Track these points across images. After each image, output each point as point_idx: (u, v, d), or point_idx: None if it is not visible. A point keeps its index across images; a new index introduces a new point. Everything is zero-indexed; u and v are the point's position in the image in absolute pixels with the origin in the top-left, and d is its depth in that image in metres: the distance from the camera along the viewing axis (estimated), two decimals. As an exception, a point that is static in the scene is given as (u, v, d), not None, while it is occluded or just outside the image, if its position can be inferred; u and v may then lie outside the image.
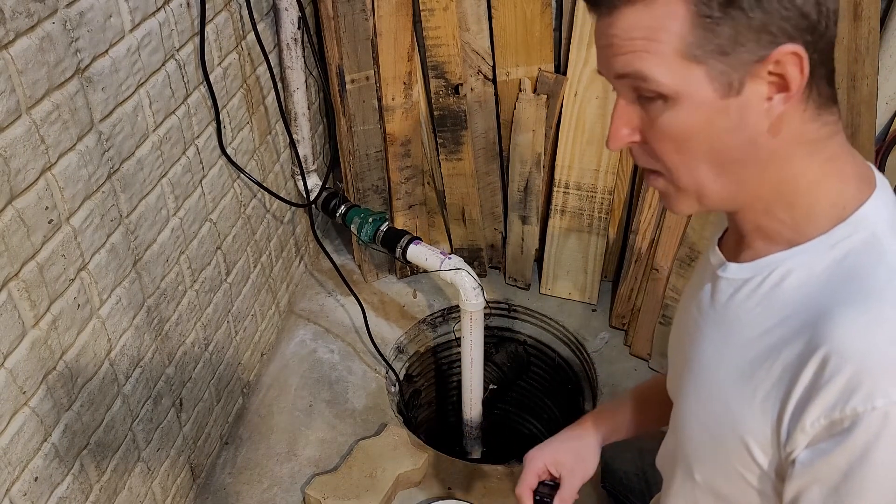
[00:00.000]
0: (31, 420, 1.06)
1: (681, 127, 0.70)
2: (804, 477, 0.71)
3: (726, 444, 0.80)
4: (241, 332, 1.84)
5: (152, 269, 1.37)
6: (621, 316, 2.14)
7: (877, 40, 1.72)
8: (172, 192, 1.41)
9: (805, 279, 0.73)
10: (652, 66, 0.67)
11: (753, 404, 0.76)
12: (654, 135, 0.72)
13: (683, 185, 0.74)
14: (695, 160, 0.72)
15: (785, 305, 0.74)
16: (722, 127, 0.69)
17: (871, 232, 0.72)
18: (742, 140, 0.70)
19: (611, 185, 2.07)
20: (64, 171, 1.07)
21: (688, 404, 0.88)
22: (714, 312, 0.84)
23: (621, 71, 0.69)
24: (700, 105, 0.68)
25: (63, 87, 1.05)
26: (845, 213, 0.73)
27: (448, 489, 1.74)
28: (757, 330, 0.77)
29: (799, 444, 0.71)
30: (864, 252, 0.71)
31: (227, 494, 1.71)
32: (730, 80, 0.67)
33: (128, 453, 1.35)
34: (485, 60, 2.05)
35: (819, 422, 0.68)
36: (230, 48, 1.60)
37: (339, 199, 2.04)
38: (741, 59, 0.66)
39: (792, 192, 0.74)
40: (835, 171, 0.74)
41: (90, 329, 1.19)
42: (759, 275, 0.78)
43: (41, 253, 1.05)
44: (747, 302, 0.79)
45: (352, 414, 1.90)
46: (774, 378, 0.74)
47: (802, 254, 0.74)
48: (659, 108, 0.70)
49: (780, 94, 0.68)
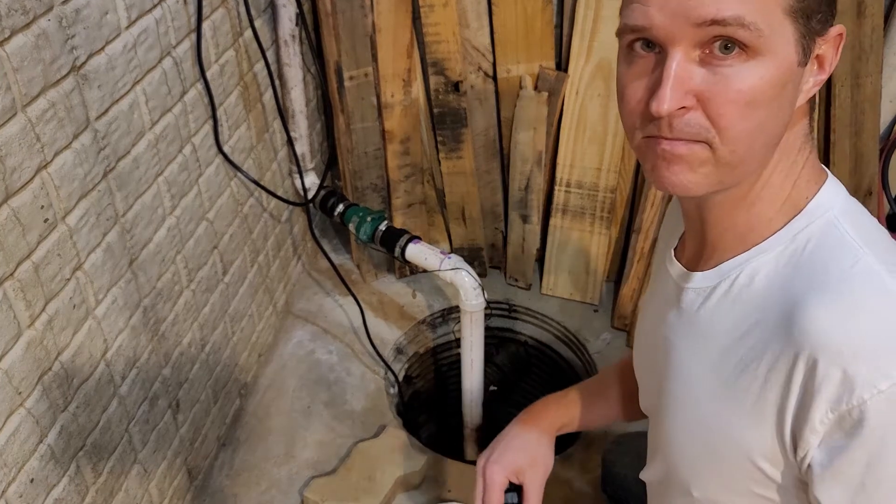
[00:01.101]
0: (27, 421, 1.05)
1: (757, 86, 0.64)
2: (825, 478, 0.69)
3: (730, 464, 0.78)
4: (238, 333, 1.82)
5: (148, 269, 1.36)
6: (623, 317, 2.13)
7: (881, 38, 1.71)
8: (169, 190, 1.40)
9: (772, 276, 0.72)
10: (754, 13, 0.62)
11: (744, 411, 0.74)
12: (721, 96, 0.65)
13: (732, 158, 0.68)
14: (758, 129, 0.67)
15: (757, 306, 0.73)
16: (788, 97, 0.67)
17: (826, 219, 0.71)
18: (788, 116, 0.68)
19: (613, 184, 2.06)
20: (59, 169, 1.06)
21: (673, 422, 0.85)
22: (684, 324, 0.82)
23: (713, 15, 0.62)
24: (781, 66, 0.64)
25: (59, 85, 1.04)
26: (801, 205, 0.73)
27: (448, 492, 1.72)
28: (733, 335, 0.75)
29: (811, 443, 0.69)
30: (824, 239, 0.71)
31: (224, 497, 1.70)
32: (805, 47, 0.65)
33: (124, 455, 1.34)
34: (485, 57, 2.04)
35: (827, 417, 0.66)
36: (227, 45, 1.59)
37: (337, 197, 2.03)
38: (814, 27, 0.64)
39: (772, 186, 0.73)
40: (801, 168, 0.74)
41: (86, 329, 1.18)
42: (725, 279, 0.77)
43: (37, 252, 1.04)
44: (718, 308, 0.78)
45: (350, 415, 1.89)
46: (761, 381, 0.72)
47: (765, 251, 0.74)
48: (736, 65, 0.64)
49: (814, 77, 0.67)
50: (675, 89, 0.65)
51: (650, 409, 0.96)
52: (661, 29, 0.65)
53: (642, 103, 0.68)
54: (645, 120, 0.69)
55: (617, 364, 1.22)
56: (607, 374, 1.22)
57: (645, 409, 1.00)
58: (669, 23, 0.64)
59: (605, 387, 1.20)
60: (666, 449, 0.88)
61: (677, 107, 0.66)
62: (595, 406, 1.19)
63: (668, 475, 0.90)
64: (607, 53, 1.93)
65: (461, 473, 1.77)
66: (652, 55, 0.68)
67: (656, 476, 0.96)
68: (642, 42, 0.68)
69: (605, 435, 1.86)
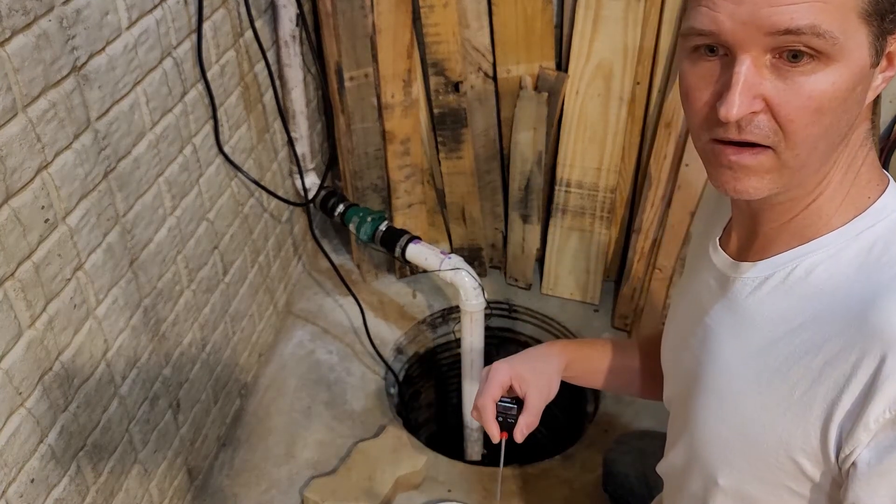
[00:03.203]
0: (28, 421, 1.05)
1: (828, 92, 0.63)
2: (872, 477, 0.68)
3: (765, 456, 0.77)
4: (238, 333, 1.82)
5: (149, 269, 1.36)
6: (624, 316, 2.13)
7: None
8: (169, 190, 1.40)
9: (833, 271, 0.72)
10: (829, 21, 0.60)
11: (789, 404, 0.73)
12: (791, 102, 0.64)
13: (795, 162, 0.67)
14: (824, 133, 0.66)
15: (815, 300, 0.73)
16: (857, 99, 0.66)
17: (892, 220, 0.71)
18: (856, 116, 0.68)
19: (613, 184, 2.06)
20: (60, 169, 1.06)
21: (706, 410, 0.84)
22: (729, 313, 0.82)
23: (787, 25, 0.61)
24: (853, 69, 0.63)
25: (59, 85, 1.04)
26: (864, 206, 0.72)
27: (448, 491, 1.72)
28: (784, 327, 0.75)
29: (861, 441, 0.68)
30: (890, 240, 0.70)
31: (224, 497, 1.70)
32: (878, 48, 0.64)
33: (125, 455, 1.34)
34: (485, 57, 2.04)
35: (884, 416, 0.66)
36: (228, 45, 1.59)
37: (337, 197, 2.03)
38: (887, 26, 0.64)
39: (832, 182, 0.73)
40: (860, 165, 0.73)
41: (86, 329, 1.18)
42: (779, 271, 0.76)
43: (37, 252, 1.04)
44: (770, 299, 0.77)
45: (350, 415, 1.89)
46: (814, 376, 0.71)
47: (825, 246, 0.73)
48: (808, 69, 0.63)
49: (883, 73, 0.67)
50: (743, 94, 0.64)
51: (675, 398, 0.95)
52: (730, 35, 0.64)
53: (708, 106, 0.68)
54: (712, 122, 0.68)
55: (636, 340, 1.19)
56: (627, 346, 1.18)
57: (668, 399, 0.99)
58: (740, 30, 0.63)
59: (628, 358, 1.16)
60: (693, 436, 0.87)
61: (746, 112, 0.65)
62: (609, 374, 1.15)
63: (691, 463, 0.89)
64: (607, 53, 1.93)
65: (461, 473, 1.77)
66: (717, 59, 0.67)
67: (677, 464, 0.94)
68: (705, 48, 0.67)
69: (606, 434, 1.86)
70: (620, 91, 1.95)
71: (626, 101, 1.96)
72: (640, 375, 1.15)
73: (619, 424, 1.90)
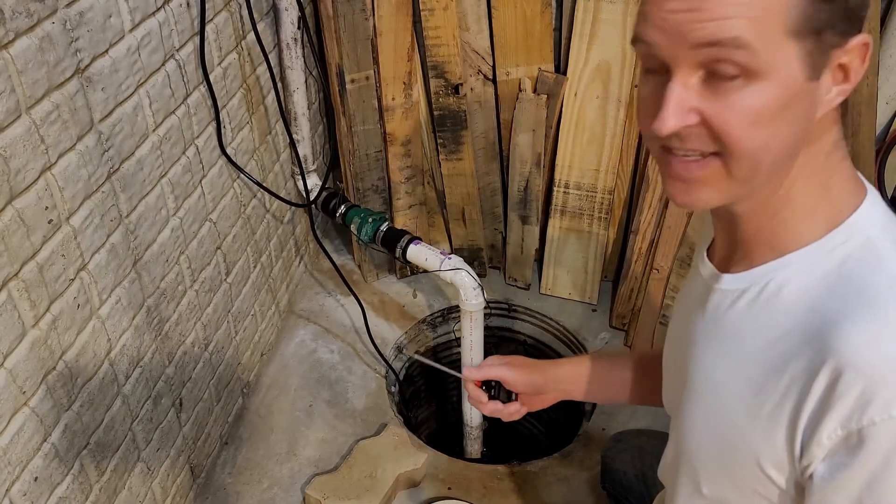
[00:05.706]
0: (31, 420, 1.06)
1: (757, 107, 0.65)
2: (825, 491, 0.69)
3: (740, 464, 0.79)
4: (240, 333, 1.84)
5: (152, 269, 1.37)
6: (622, 316, 2.14)
7: (877, 40, 1.72)
8: (172, 192, 1.41)
9: (804, 288, 0.72)
10: (753, 35, 0.62)
11: (760, 419, 0.74)
12: (725, 114, 0.66)
13: (740, 173, 0.69)
14: (763, 147, 0.67)
15: (786, 316, 0.73)
16: (796, 113, 0.67)
17: (866, 237, 0.71)
18: (802, 130, 0.69)
19: (611, 185, 2.07)
20: (64, 170, 1.07)
21: (691, 420, 0.86)
22: (710, 325, 0.83)
23: (710, 38, 0.63)
24: (784, 84, 0.65)
25: (63, 87, 1.05)
26: (839, 219, 0.72)
27: (448, 489, 1.73)
28: (758, 342, 0.75)
29: (816, 456, 0.69)
30: (862, 258, 0.70)
31: (226, 494, 1.71)
32: (814, 63, 0.65)
33: (127, 453, 1.35)
34: (485, 60, 2.05)
35: (836, 433, 0.67)
36: (230, 48, 1.60)
37: (338, 199, 2.04)
38: (828, 41, 0.64)
39: (797, 194, 0.73)
40: (834, 177, 0.73)
41: (90, 329, 1.19)
42: (755, 285, 0.77)
43: (41, 253, 1.04)
44: (746, 313, 0.78)
45: (352, 414, 1.90)
46: (782, 391, 0.72)
47: (798, 261, 0.73)
48: (736, 85, 0.65)
49: (839, 86, 0.68)
50: (675, 112, 0.67)
51: (672, 406, 0.97)
52: (661, 48, 0.66)
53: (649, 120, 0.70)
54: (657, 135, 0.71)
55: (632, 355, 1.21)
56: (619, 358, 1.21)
57: (667, 405, 1.00)
58: (669, 43, 0.66)
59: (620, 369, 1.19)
60: (682, 446, 0.88)
61: (679, 126, 0.67)
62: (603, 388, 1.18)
63: (679, 470, 0.91)
64: (606, 56, 1.94)
65: (461, 471, 1.78)
66: (659, 77, 0.69)
67: (671, 474, 0.96)
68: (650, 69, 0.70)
69: (604, 433, 1.87)
70: (618, 93, 1.96)
71: (623, 103, 1.97)
72: (631, 388, 1.18)
73: (616, 422, 1.91)
